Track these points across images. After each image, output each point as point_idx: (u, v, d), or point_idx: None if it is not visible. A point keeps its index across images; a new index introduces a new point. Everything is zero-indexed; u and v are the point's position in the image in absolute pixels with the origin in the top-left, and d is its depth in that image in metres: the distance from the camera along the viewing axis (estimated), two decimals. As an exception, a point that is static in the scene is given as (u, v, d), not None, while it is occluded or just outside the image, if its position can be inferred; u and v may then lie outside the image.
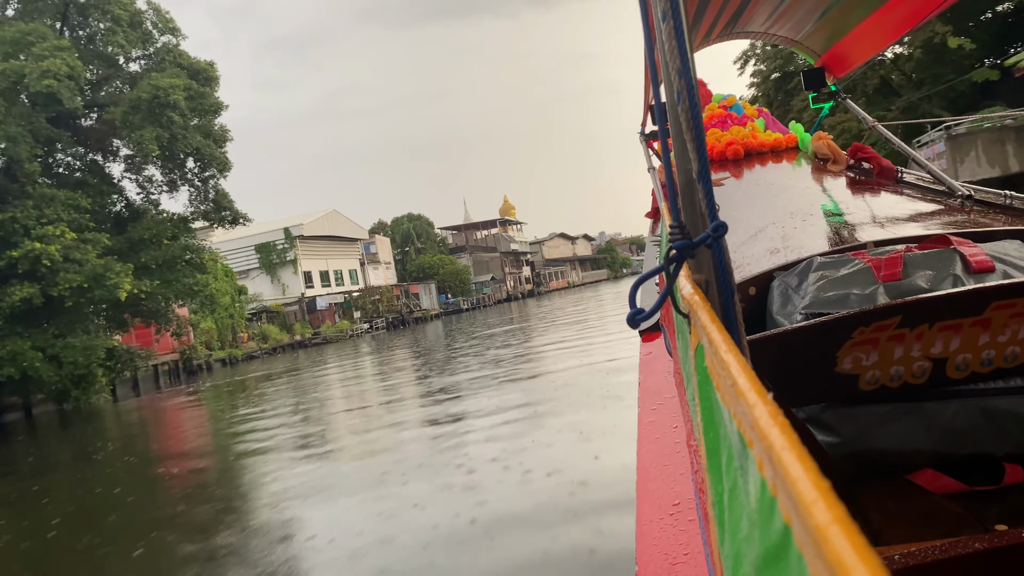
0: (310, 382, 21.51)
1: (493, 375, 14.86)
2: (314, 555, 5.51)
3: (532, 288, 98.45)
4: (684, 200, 0.96)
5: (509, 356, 18.89)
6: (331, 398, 16.56)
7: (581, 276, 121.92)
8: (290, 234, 53.21)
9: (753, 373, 0.54)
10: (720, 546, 0.62)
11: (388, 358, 27.43)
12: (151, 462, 11.92)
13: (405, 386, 16.64)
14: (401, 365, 23.19)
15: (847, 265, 1.71)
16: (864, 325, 1.42)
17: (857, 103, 4.21)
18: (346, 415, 13.23)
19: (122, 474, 11.01)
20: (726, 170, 3.40)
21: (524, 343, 22.93)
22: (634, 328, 1.01)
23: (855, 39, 3.33)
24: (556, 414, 9.18)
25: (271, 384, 22.57)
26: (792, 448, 0.40)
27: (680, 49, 0.86)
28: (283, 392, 19.48)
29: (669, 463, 1.66)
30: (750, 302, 1.88)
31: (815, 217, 2.47)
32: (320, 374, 24.21)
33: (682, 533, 1.36)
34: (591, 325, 24.25)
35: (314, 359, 34.55)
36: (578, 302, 48.34)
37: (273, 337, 45.58)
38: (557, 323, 29.65)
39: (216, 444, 12.68)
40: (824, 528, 0.33)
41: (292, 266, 53.22)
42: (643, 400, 2.11)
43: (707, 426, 0.72)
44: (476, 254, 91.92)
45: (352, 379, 20.70)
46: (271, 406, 16.44)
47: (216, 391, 24.37)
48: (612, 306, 35.66)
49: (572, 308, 42.35)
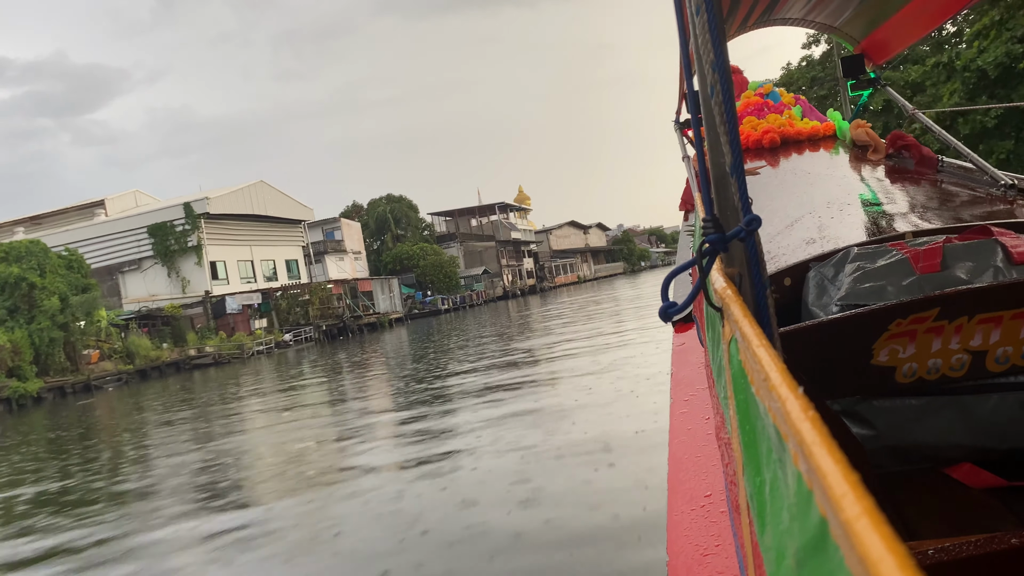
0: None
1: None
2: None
3: (535, 283, 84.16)
4: (717, 193, 0.96)
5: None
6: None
7: (594, 269, 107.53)
8: (191, 211, 39.51)
9: (785, 367, 0.55)
10: (760, 537, 0.62)
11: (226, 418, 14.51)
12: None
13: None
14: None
15: (884, 256, 1.70)
16: (901, 317, 1.40)
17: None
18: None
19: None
20: (762, 159, 3.41)
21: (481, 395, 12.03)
22: (666, 321, 1.02)
23: (896, 25, 3.30)
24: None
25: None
26: (823, 442, 0.40)
27: (714, 42, 0.85)
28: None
29: (701, 455, 1.63)
30: (785, 293, 1.88)
31: (852, 207, 2.45)
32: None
33: (713, 525, 1.35)
34: (608, 344, 16.08)
35: (147, 398, 20.54)
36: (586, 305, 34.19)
37: (142, 354, 31.92)
38: (554, 344, 19.25)
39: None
40: (853, 521, 0.33)
41: (195, 254, 39.57)
42: (675, 391, 2.10)
43: (743, 419, 0.73)
44: (467, 243, 77.79)
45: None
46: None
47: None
48: (631, 310, 25.65)
49: (580, 313, 28.59)
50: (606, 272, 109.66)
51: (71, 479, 10.11)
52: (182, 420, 15.10)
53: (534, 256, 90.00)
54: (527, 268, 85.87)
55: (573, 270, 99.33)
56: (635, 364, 12.33)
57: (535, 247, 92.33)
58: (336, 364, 24.37)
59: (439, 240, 76.51)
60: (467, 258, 76.54)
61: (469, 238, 79.56)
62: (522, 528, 5.30)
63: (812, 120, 3.75)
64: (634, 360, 12.85)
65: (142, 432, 14.79)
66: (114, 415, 19.60)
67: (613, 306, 31.43)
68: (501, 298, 72.55)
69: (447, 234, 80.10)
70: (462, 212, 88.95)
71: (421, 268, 66.87)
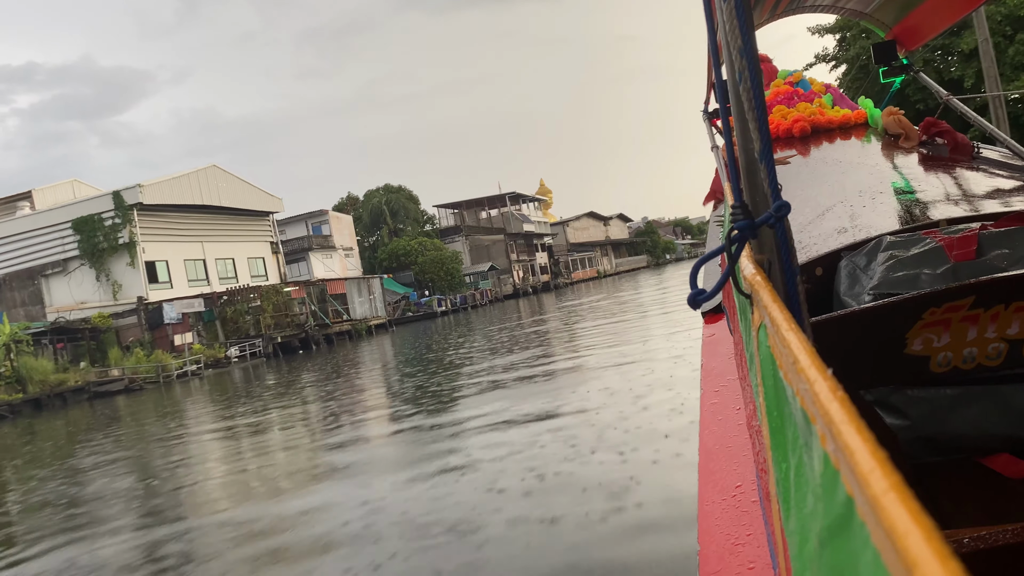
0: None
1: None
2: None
3: (550, 280, 76.88)
4: (746, 180, 0.96)
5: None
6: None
7: (615, 263, 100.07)
8: (122, 201, 32.97)
9: (814, 350, 0.55)
10: (785, 523, 0.62)
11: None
12: None
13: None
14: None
15: (918, 244, 1.69)
16: (935, 306, 1.39)
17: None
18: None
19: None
20: (792, 148, 3.36)
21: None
22: (695, 309, 1.02)
23: (928, 10, 3.28)
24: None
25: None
26: (851, 421, 0.41)
27: (742, 29, 0.85)
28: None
29: (732, 445, 1.62)
30: (817, 283, 1.87)
31: (885, 195, 2.44)
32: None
33: (744, 514, 1.35)
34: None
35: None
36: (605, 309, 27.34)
37: (38, 379, 25.42)
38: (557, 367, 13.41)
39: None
40: (880, 496, 0.33)
41: (127, 253, 33.05)
42: (706, 382, 2.09)
43: (771, 405, 0.73)
44: (473, 237, 70.74)
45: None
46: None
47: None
48: (660, 317, 19.48)
49: (599, 318, 22.58)
50: (628, 266, 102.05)
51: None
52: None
53: (548, 250, 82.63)
54: (541, 263, 78.54)
55: (592, 264, 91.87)
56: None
57: (550, 240, 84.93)
58: (267, 391, 17.65)
59: (442, 234, 69.54)
60: (473, 253, 69.54)
61: (475, 231, 72.50)
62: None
63: (843, 108, 3.69)
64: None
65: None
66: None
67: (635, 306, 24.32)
68: (510, 296, 65.46)
69: (451, 227, 73.12)
70: (470, 204, 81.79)
71: (419, 265, 59.99)
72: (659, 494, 5.22)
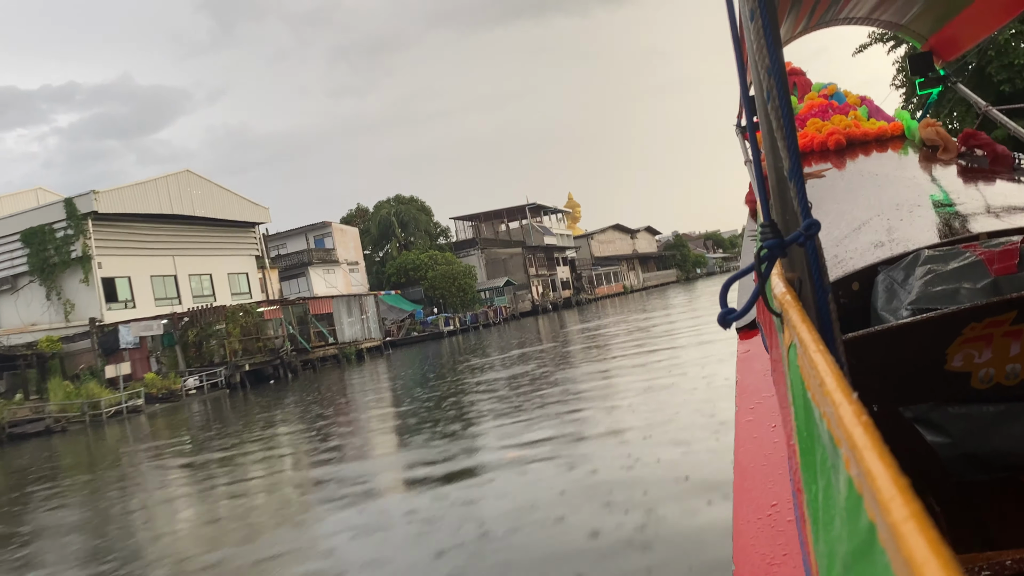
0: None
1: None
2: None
3: (571, 295, 72.04)
4: (776, 198, 0.95)
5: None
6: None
7: (642, 278, 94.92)
8: (75, 210, 29.14)
9: (841, 372, 0.55)
10: (815, 544, 0.62)
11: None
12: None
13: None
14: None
15: (957, 258, 1.65)
16: (976, 321, 1.35)
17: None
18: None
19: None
20: (827, 161, 3.31)
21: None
22: (725, 328, 1.02)
23: (965, 20, 3.23)
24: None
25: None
26: (873, 446, 0.40)
27: (769, 48, 0.85)
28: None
29: (767, 463, 1.59)
30: (853, 297, 1.82)
31: (923, 208, 2.39)
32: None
33: (780, 534, 1.32)
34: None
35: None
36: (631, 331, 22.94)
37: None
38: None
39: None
40: (900, 524, 0.32)
41: (81, 268, 29.18)
42: (741, 399, 2.06)
43: (800, 426, 0.73)
44: (489, 250, 66.26)
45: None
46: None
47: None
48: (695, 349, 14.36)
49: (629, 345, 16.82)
50: (656, 280, 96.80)
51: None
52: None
53: (571, 264, 77.84)
54: (562, 277, 73.80)
55: (618, 279, 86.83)
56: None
57: (573, 253, 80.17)
58: (202, 437, 13.38)
59: (457, 247, 65.21)
60: (489, 267, 65.06)
61: (492, 244, 68.05)
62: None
63: (879, 120, 3.57)
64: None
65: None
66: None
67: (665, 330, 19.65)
68: (528, 314, 60.80)
69: (466, 240, 68.76)
70: (488, 216, 77.41)
71: (429, 280, 55.69)
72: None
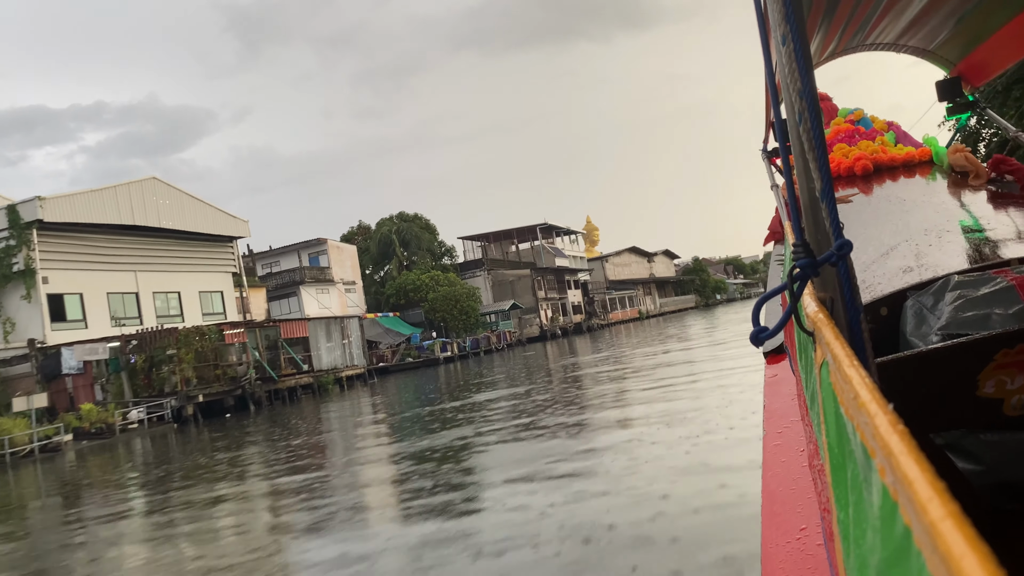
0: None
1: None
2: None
3: (583, 320, 68.36)
4: (808, 218, 0.96)
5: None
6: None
7: (659, 303, 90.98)
8: (18, 219, 26.17)
9: (875, 386, 0.56)
10: (845, 560, 0.63)
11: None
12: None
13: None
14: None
15: (988, 284, 1.64)
16: (1008, 347, 1.33)
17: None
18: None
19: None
20: (854, 186, 3.31)
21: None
22: (757, 347, 1.02)
23: (994, 45, 3.24)
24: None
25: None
26: (910, 452, 0.41)
27: (801, 71, 0.86)
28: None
29: (796, 487, 1.60)
30: (882, 323, 1.80)
31: (952, 234, 2.38)
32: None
33: (809, 557, 1.31)
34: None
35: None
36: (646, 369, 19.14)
37: None
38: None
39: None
40: (938, 523, 0.33)
41: (23, 283, 26.13)
42: (768, 423, 2.06)
43: (832, 443, 0.73)
44: (495, 271, 62.87)
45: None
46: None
47: None
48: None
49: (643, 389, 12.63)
50: (674, 306, 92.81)
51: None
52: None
53: (583, 287, 74.24)
54: (573, 301, 70.20)
55: (633, 304, 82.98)
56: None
57: (586, 276, 76.60)
58: (117, 487, 10.08)
59: (462, 268, 61.95)
60: (495, 289, 61.66)
61: (499, 265, 64.69)
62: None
63: (907, 146, 3.58)
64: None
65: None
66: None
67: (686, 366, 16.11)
68: (536, 339, 57.16)
69: (472, 261, 65.48)
70: (497, 236, 74.21)
71: (430, 302, 52.41)
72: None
